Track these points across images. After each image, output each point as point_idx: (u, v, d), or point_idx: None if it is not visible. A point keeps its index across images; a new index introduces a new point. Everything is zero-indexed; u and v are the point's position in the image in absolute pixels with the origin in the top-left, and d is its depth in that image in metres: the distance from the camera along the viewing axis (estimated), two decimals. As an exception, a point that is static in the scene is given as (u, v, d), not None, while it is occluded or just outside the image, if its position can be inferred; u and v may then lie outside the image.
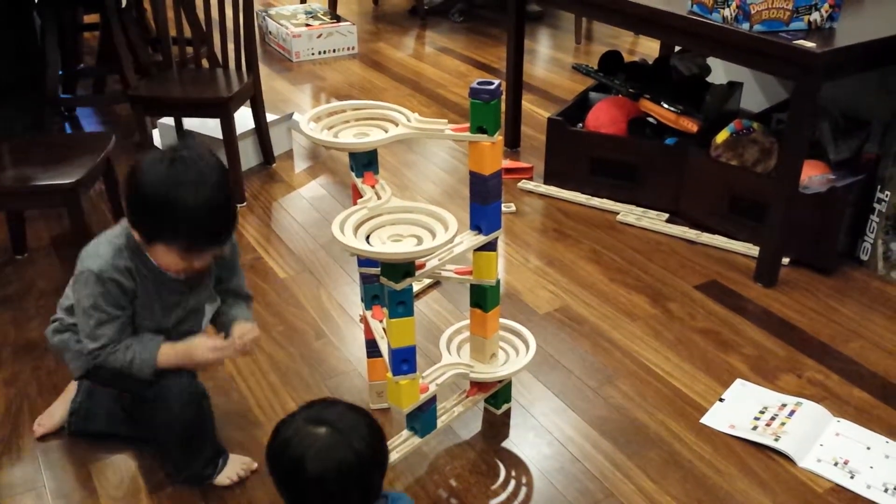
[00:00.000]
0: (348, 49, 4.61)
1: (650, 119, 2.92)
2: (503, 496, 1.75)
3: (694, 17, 2.37)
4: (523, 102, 3.40)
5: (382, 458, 1.39)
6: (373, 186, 1.65)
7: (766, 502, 1.73)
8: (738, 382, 2.06)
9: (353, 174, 1.71)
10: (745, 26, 2.22)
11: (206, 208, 1.48)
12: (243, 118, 3.11)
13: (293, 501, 1.38)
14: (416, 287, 2.42)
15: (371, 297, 1.85)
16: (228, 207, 1.54)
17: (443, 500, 1.73)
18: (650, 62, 3.30)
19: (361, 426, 1.35)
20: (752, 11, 2.20)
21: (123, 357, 1.58)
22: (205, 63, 3.10)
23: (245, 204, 2.95)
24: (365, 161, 1.69)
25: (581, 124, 3.00)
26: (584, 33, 4.83)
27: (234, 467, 1.77)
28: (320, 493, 1.32)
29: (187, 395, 1.66)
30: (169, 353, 1.61)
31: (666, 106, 2.84)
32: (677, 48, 3.30)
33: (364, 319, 1.89)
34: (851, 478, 1.78)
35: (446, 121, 1.64)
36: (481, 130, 1.62)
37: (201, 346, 1.62)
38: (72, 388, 1.89)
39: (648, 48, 4.54)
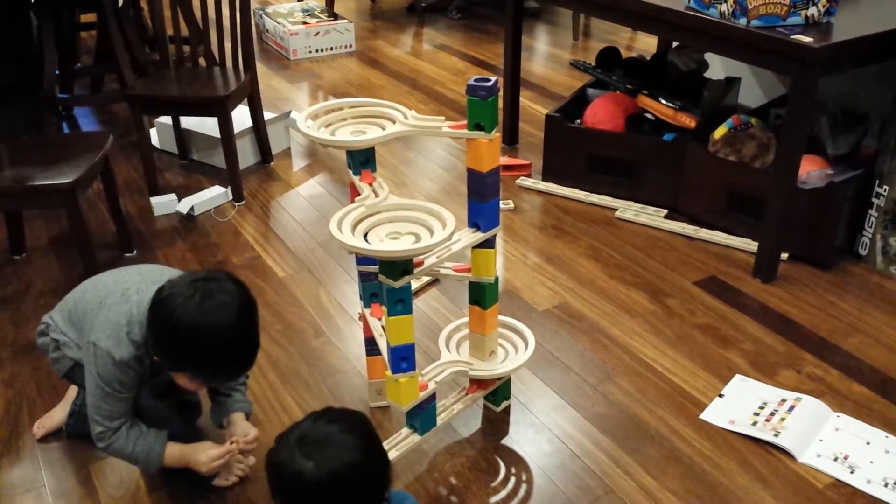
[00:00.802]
0: (346, 47, 4.60)
1: (648, 115, 2.92)
2: (503, 493, 1.75)
3: (691, 12, 2.36)
4: (521, 99, 3.40)
5: (377, 481, 1.33)
6: (370, 184, 1.64)
7: (766, 498, 1.73)
8: (738, 378, 2.06)
9: (350, 172, 1.71)
10: (743, 21, 2.22)
11: (233, 358, 1.54)
12: (241, 117, 3.10)
13: None
14: (415, 285, 2.42)
15: (370, 294, 1.85)
16: (252, 353, 1.57)
17: (443, 498, 1.73)
18: (648, 58, 3.30)
19: (353, 455, 1.28)
20: (750, 6, 2.19)
21: (132, 448, 1.63)
22: (202, 62, 3.10)
23: (243, 203, 2.95)
24: (362, 159, 1.69)
25: (579, 121, 3.00)
26: (581, 30, 4.82)
27: (233, 468, 1.77)
28: None
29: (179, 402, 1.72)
30: (173, 454, 1.66)
31: (664, 102, 2.84)
32: (675, 44, 3.29)
33: (363, 317, 1.89)
34: (851, 473, 1.78)
35: (444, 118, 1.64)
36: (479, 127, 1.61)
37: (202, 458, 1.67)
38: (72, 392, 1.89)
39: (646, 44, 4.54)
